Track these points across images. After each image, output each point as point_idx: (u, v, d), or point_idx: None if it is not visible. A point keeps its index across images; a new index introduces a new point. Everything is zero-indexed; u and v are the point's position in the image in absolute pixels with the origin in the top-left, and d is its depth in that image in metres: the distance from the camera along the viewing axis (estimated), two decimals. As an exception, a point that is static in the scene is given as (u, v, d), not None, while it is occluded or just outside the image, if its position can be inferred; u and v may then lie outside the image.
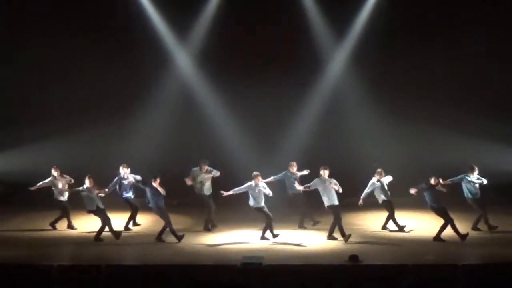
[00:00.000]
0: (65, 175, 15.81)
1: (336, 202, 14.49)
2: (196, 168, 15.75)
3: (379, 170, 15.43)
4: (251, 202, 14.62)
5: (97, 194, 14.70)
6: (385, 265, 12.09)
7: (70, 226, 15.76)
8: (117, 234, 14.64)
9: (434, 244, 14.14)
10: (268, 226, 14.47)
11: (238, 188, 14.63)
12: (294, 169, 15.93)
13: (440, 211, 14.44)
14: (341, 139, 19.49)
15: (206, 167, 15.64)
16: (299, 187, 15.00)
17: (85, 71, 19.51)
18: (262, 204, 14.54)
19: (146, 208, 14.95)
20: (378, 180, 15.34)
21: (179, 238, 14.31)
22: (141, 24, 19.31)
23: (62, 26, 19.25)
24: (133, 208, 15.84)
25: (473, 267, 11.55)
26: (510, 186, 18.42)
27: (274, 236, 14.48)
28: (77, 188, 14.96)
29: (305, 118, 19.94)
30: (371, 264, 12.23)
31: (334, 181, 14.52)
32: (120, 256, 13.19)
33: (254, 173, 14.69)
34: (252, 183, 14.52)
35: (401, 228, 15.40)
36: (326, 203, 14.52)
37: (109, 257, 13.03)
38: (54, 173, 15.71)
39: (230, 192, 14.62)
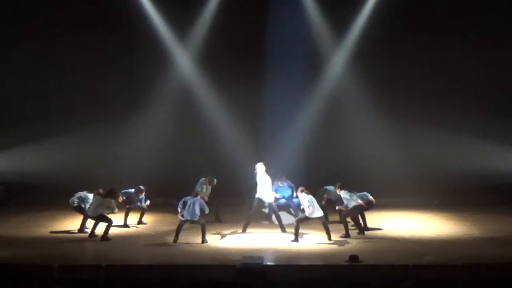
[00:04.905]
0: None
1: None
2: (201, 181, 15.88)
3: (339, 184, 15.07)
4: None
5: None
6: (385, 265, 12.05)
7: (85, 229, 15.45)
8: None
9: (434, 244, 14.13)
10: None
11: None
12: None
13: None
14: (341, 139, 19.48)
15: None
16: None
17: (85, 71, 19.53)
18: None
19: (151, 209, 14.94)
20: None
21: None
22: (141, 24, 19.32)
23: (62, 26, 19.30)
24: (142, 209, 16.03)
25: (473, 267, 11.53)
26: (510, 186, 18.44)
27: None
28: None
29: (305, 118, 19.93)
30: (371, 264, 12.21)
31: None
32: (120, 256, 13.17)
33: None
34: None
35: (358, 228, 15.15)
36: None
37: (109, 257, 13.02)
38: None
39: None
